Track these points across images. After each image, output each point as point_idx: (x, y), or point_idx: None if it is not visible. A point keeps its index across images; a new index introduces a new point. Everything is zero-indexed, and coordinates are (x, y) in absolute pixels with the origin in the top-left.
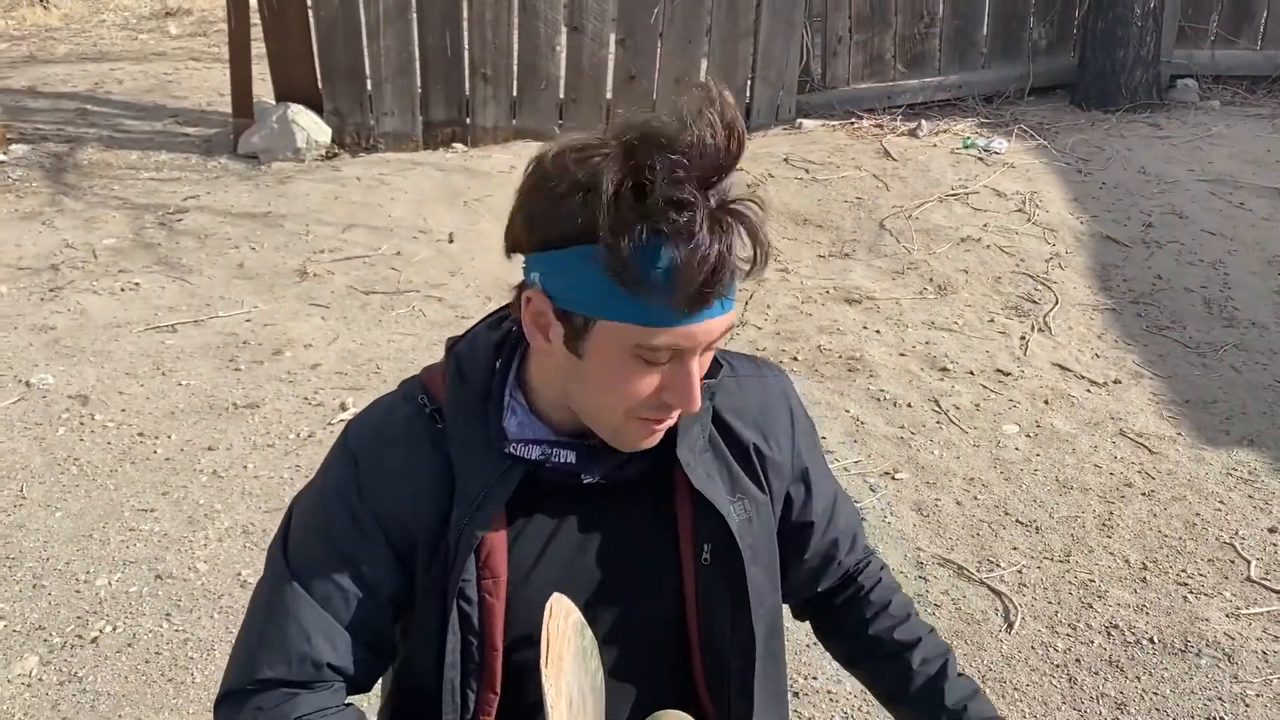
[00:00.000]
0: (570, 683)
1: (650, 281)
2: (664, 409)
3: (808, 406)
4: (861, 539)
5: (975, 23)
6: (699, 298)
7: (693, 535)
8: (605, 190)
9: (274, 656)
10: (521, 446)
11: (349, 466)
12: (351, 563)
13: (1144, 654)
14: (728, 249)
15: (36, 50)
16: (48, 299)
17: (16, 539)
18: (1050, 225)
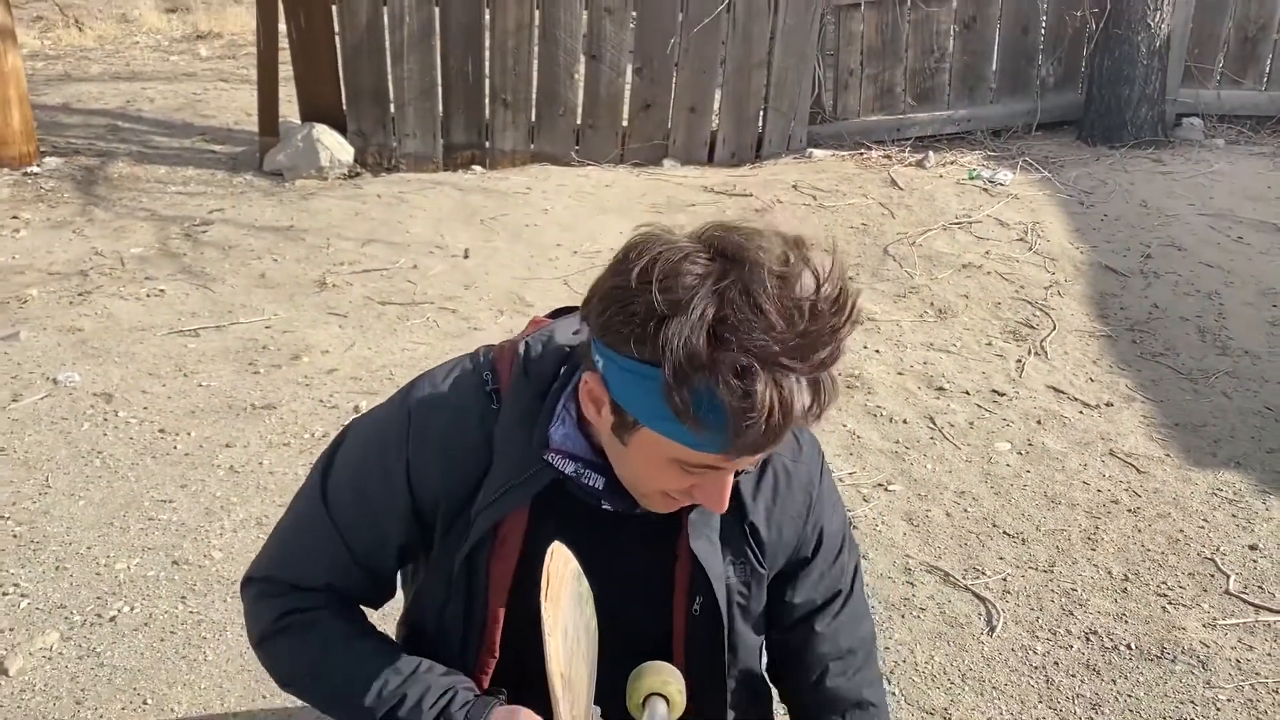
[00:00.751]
0: (566, 618)
1: (703, 420)
2: (689, 498)
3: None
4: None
5: (985, 59)
6: (752, 446)
7: (688, 585)
8: (680, 334)
9: (293, 563)
10: (559, 458)
11: (401, 421)
12: (371, 507)
13: (1121, 659)
14: (783, 415)
15: (71, 69)
16: (76, 302)
17: (41, 524)
18: (1051, 254)
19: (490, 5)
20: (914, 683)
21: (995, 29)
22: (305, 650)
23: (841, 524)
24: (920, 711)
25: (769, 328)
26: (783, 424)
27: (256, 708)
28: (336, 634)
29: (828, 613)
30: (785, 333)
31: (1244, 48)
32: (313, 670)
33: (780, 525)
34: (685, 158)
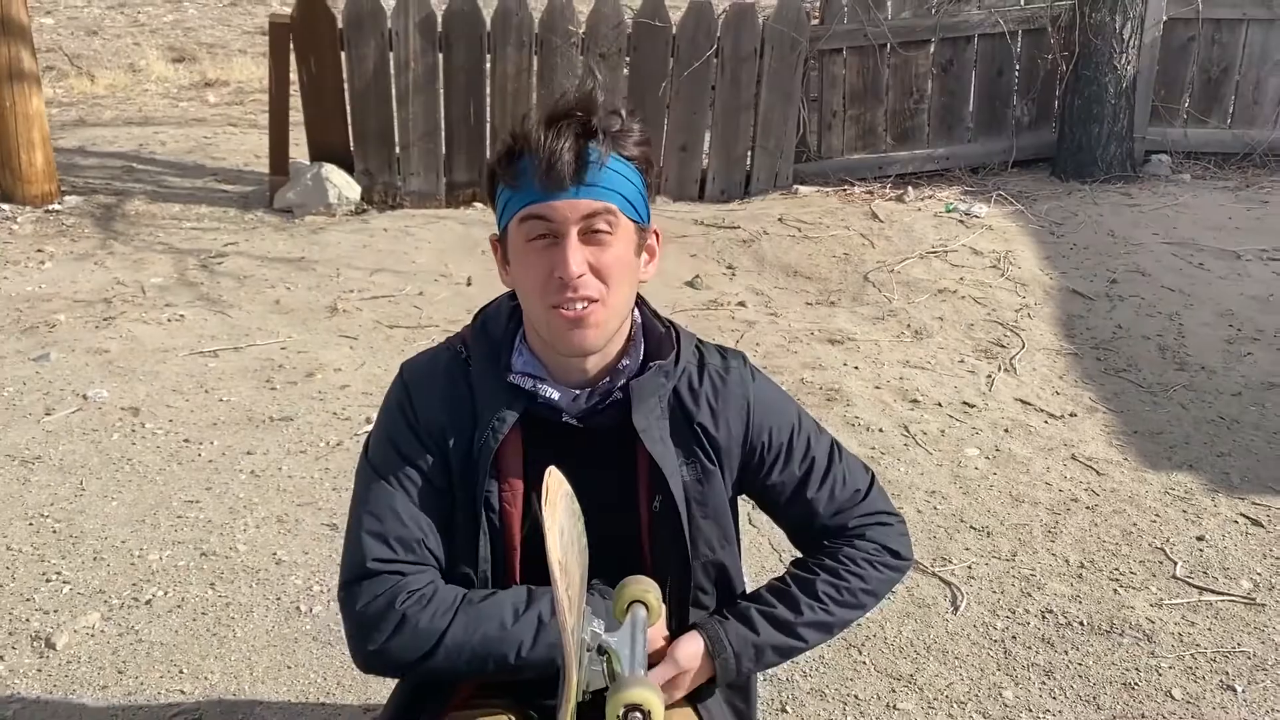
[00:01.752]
0: (562, 521)
1: (517, 175)
2: (563, 288)
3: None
4: (855, 512)
5: (962, 100)
6: (547, 171)
7: (648, 486)
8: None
9: (377, 544)
10: (520, 377)
11: (402, 391)
12: (413, 460)
13: (1074, 634)
14: (558, 136)
15: (85, 114)
16: (101, 327)
17: (78, 522)
18: (1022, 280)
19: (491, 52)
20: (883, 653)
21: (971, 71)
22: (433, 623)
23: (790, 410)
24: (888, 678)
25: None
26: (562, 153)
27: (281, 680)
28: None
29: (813, 482)
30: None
31: (1208, 88)
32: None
33: (727, 419)
34: (677, 194)
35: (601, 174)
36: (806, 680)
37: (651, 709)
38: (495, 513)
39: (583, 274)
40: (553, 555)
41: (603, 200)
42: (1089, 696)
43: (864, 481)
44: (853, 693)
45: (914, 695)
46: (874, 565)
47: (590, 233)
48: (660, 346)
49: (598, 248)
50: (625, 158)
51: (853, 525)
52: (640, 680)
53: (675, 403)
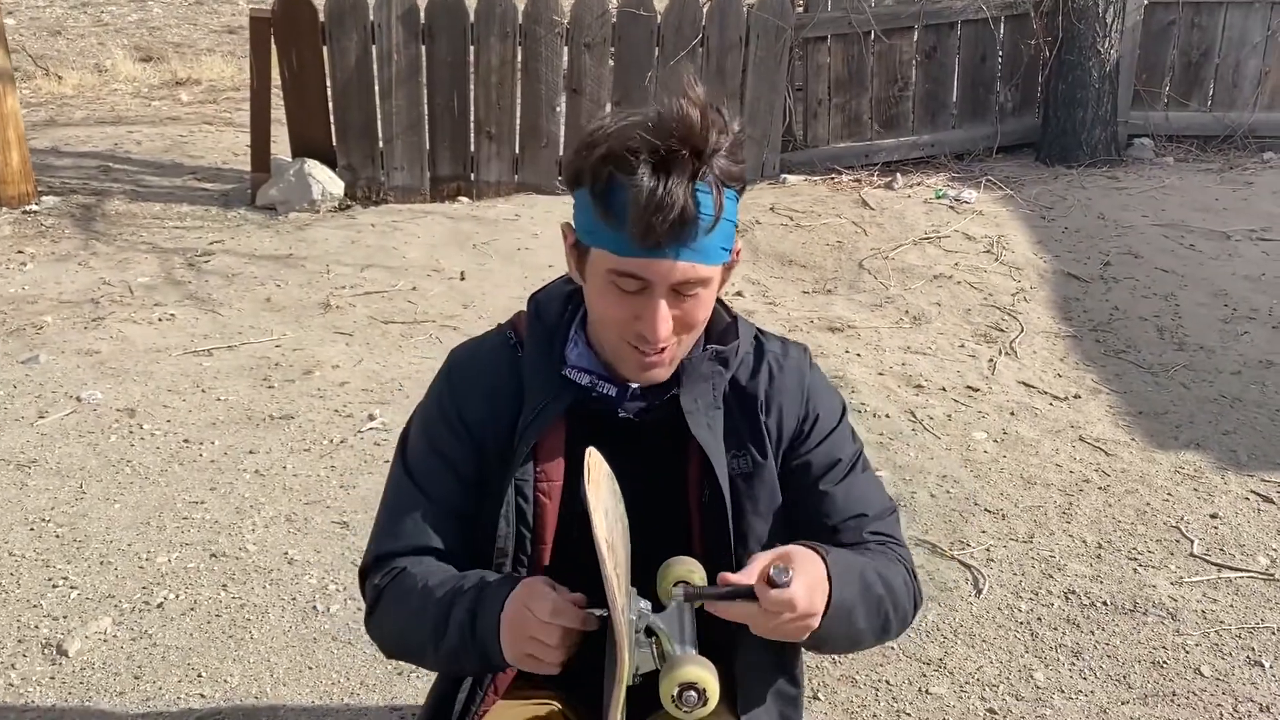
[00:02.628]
0: (605, 501)
1: (613, 212)
2: (643, 340)
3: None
4: (869, 530)
5: (946, 87)
6: (647, 231)
7: (698, 478)
8: (599, 146)
9: (391, 540)
10: (575, 372)
11: (444, 380)
12: (443, 454)
13: (1098, 614)
14: (666, 191)
15: (55, 115)
16: (90, 327)
17: (81, 525)
18: (1016, 264)
19: (475, 43)
20: (910, 638)
21: (955, 58)
22: (395, 604)
23: (837, 406)
24: (918, 663)
25: (655, 131)
26: (665, 196)
27: (303, 681)
28: (415, 579)
29: (831, 477)
30: (668, 130)
31: (1188, 72)
32: (400, 622)
33: (781, 405)
34: None
35: (702, 230)
36: (837, 668)
37: (707, 687)
38: (529, 502)
39: (669, 334)
40: (600, 534)
41: (705, 264)
42: (1119, 676)
43: (887, 503)
44: (884, 678)
45: (945, 679)
46: (901, 577)
47: (682, 293)
48: (724, 337)
49: (688, 302)
50: (729, 185)
51: (869, 537)
52: (694, 658)
53: (731, 394)
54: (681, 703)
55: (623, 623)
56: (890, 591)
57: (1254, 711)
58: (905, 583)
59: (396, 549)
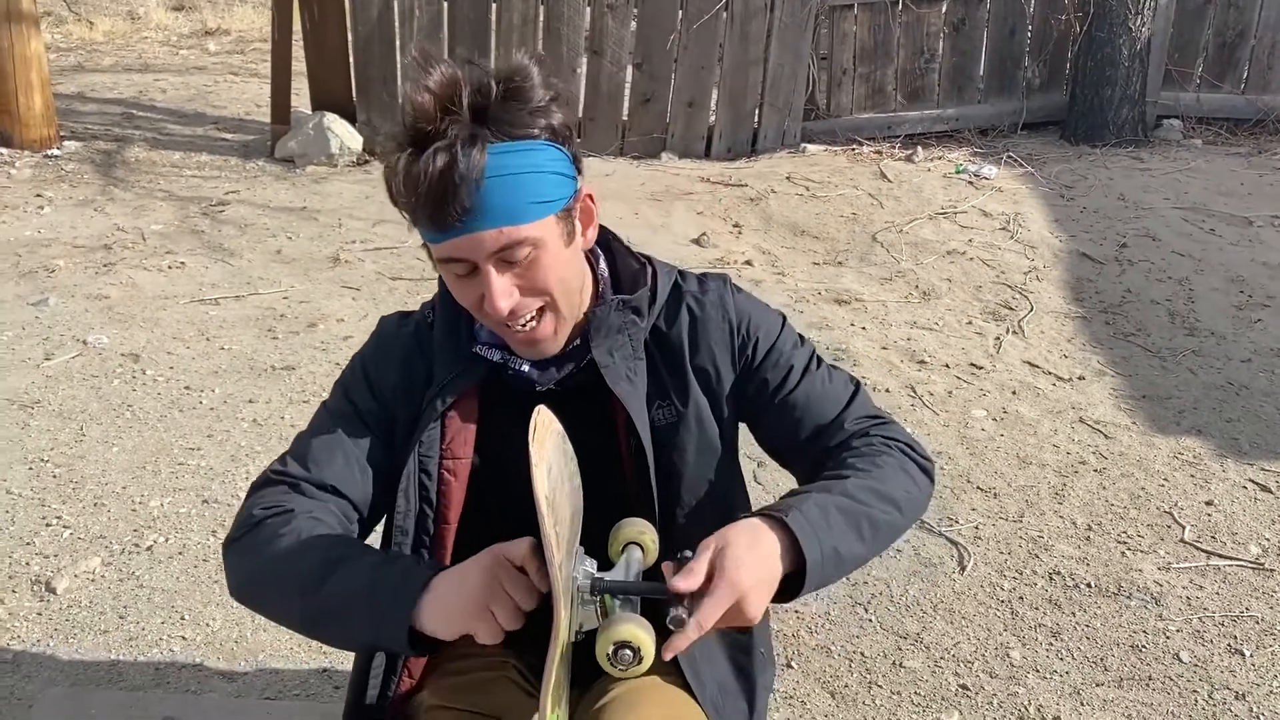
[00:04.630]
0: (550, 458)
1: (402, 206)
2: (510, 318)
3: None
4: (845, 424)
5: (973, 60)
6: (431, 217)
7: (626, 432)
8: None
9: (296, 460)
10: (486, 349)
11: (371, 345)
12: (356, 406)
13: (1081, 595)
14: (418, 168)
15: (84, 61)
16: (101, 273)
17: (79, 467)
18: (1031, 243)
19: (497, 1)
20: (889, 611)
21: (983, 31)
22: (272, 541)
23: (775, 319)
24: (894, 636)
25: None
26: (425, 189)
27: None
28: (304, 524)
29: (788, 384)
30: (411, 117)
31: (1222, 53)
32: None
33: (710, 345)
34: (683, 151)
35: (496, 189)
36: (813, 636)
37: (641, 646)
38: (432, 479)
39: (513, 304)
40: (540, 490)
41: (509, 225)
42: (1096, 658)
43: (850, 387)
44: (859, 650)
45: (921, 653)
46: (897, 462)
47: (509, 261)
48: (634, 284)
49: (523, 269)
50: (526, 139)
51: (850, 426)
52: (631, 617)
53: (654, 342)
54: (616, 660)
55: (559, 580)
56: (884, 498)
57: (1229, 699)
58: (900, 468)
59: (294, 473)
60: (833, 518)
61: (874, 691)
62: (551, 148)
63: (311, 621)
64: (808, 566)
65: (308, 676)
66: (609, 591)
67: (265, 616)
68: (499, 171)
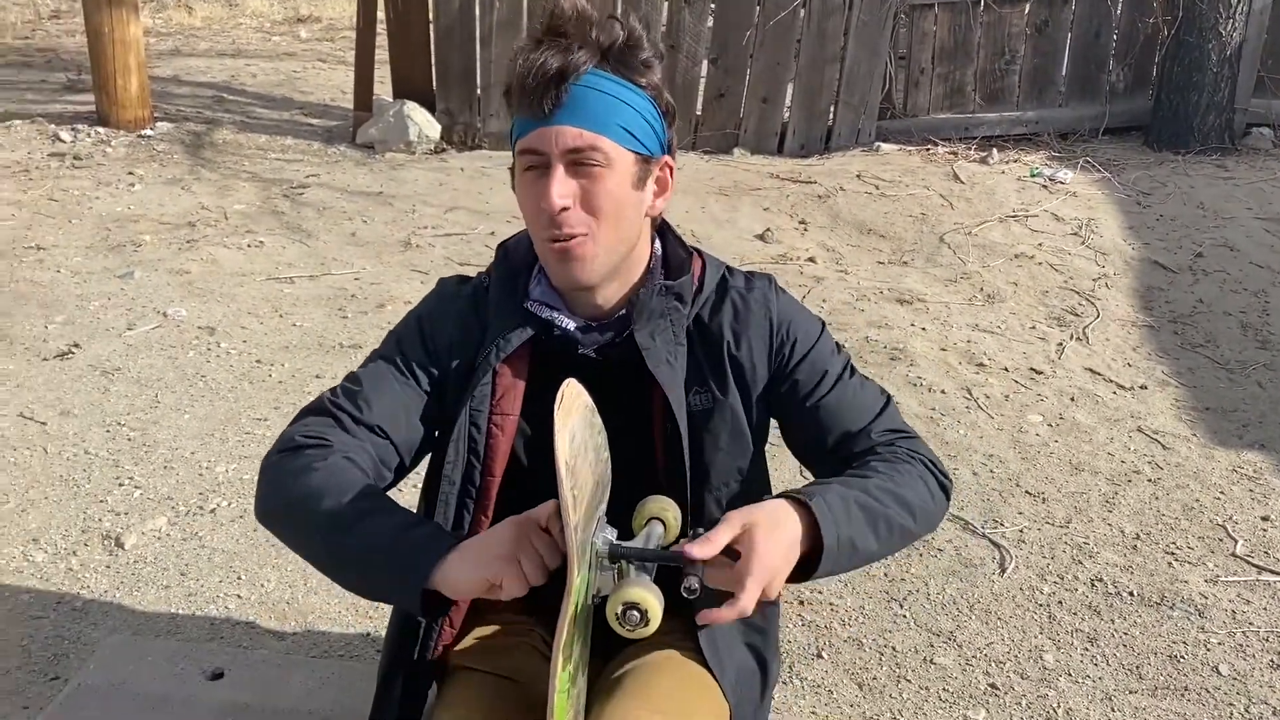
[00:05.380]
0: (575, 427)
1: (510, 99)
2: (549, 225)
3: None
4: (872, 434)
5: (1055, 62)
6: (526, 94)
7: (661, 414)
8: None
9: (347, 396)
10: (536, 306)
11: (430, 303)
12: (408, 357)
13: (1122, 603)
14: (540, 56)
15: (181, 45)
16: (184, 249)
17: (152, 432)
18: (1103, 249)
19: None
20: (924, 608)
21: (1067, 33)
22: (309, 473)
23: (815, 324)
24: (928, 632)
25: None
26: (541, 73)
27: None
28: (342, 468)
29: (820, 389)
30: (542, 22)
31: None
32: (308, 493)
33: (749, 339)
34: (755, 146)
35: (591, 99)
36: (845, 629)
37: (649, 609)
38: (481, 432)
39: (566, 207)
40: (561, 456)
41: (591, 130)
42: (1132, 666)
43: (881, 400)
44: (890, 644)
45: (952, 651)
46: (918, 472)
47: (578, 165)
48: (679, 272)
49: (588, 180)
50: (630, 81)
51: (876, 437)
52: (641, 581)
53: (695, 330)
54: (624, 621)
55: (574, 541)
56: (901, 502)
57: (1267, 714)
58: (920, 478)
59: (344, 406)
60: (852, 511)
61: (902, 685)
62: (649, 101)
63: (330, 562)
64: (824, 551)
65: (352, 639)
66: (626, 557)
67: (285, 544)
68: (599, 87)
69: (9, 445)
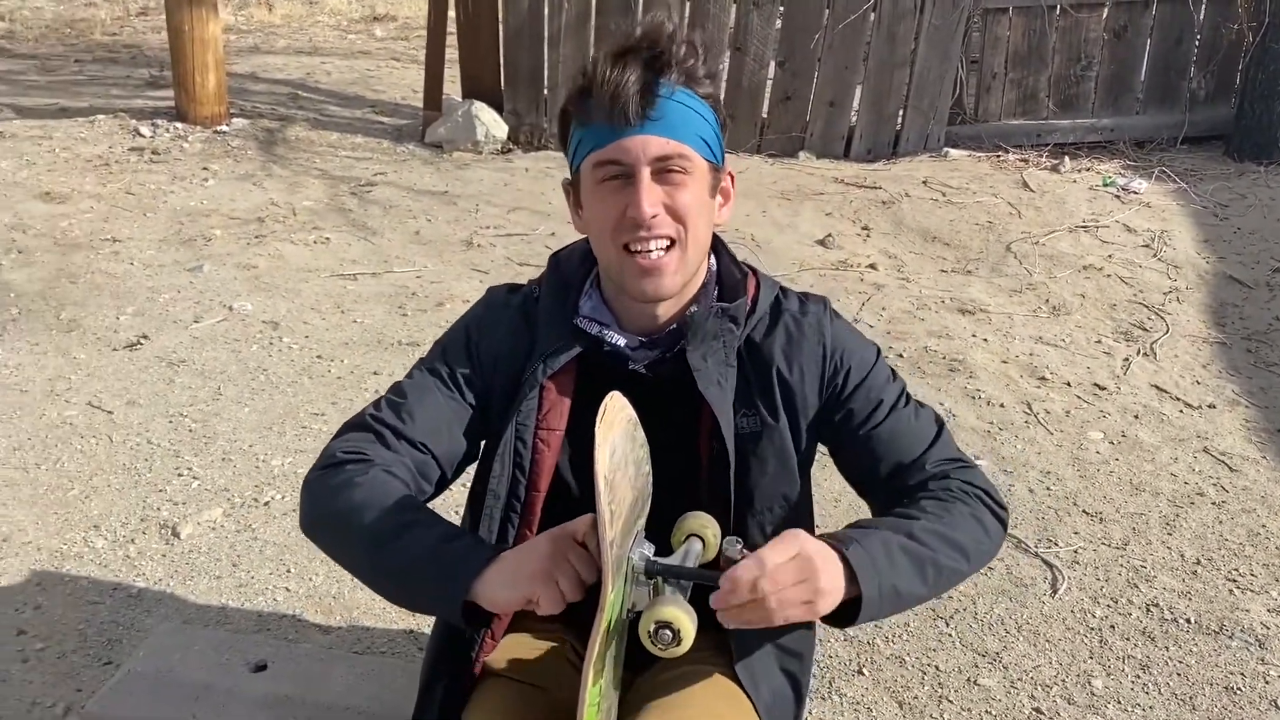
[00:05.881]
0: (616, 441)
1: (585, 110)
2: (636, 231)
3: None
4: (926, 465)
5: (1133, 68)
6: (610, 105)
7: (709, 434)
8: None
9: (390, 408)
10: (586, 322)
11: (478, 313)
12: (453, 369)
13: (1178, 630)
14: (620, 68)
15: (260, 43)
16: (253, 244)
17: (212, 424)
18: (1175, 262)
19: None
20: (971, 627)
21: (1146, 39)
22: (352, 487)
23: (870, 351)
24: (973, 653)
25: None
26: (623, 84)
27: None
28: (382, 481)
29: (874, 419)
30: (623, 41)
31: None
32: (350, 508)
33: (801, 364)
34: (821, 150)
35: (673, 110)
36: (888, 645)
37: (681, 628)
38: (527, 447)
39: (657, 214)
40: (600, 470)
41: (675, 139)
42: (1185, 696)
43: (934, 427)
44: (934, 663)
45: (997, 673)
46: (971, 510)
47: (664, 173)
48: (734, 292)
49: (672, 188)
50: (699, 94)
51: (931, 468)
52: (674, 600)
53: (746, 351)
54: (656, 639)
55: (609, 556)
56: (950, 544)
57: None
58: (973, 516)
59: (387, 420)
60: (896, 557)
61: (944, 706)
62: (713, 113)
63: (372, 575)
64: (863, 600)
65: (396, 635)
66: (662, 574)
67: (329, 557)
68: (677, 99)
69: (77, 433)
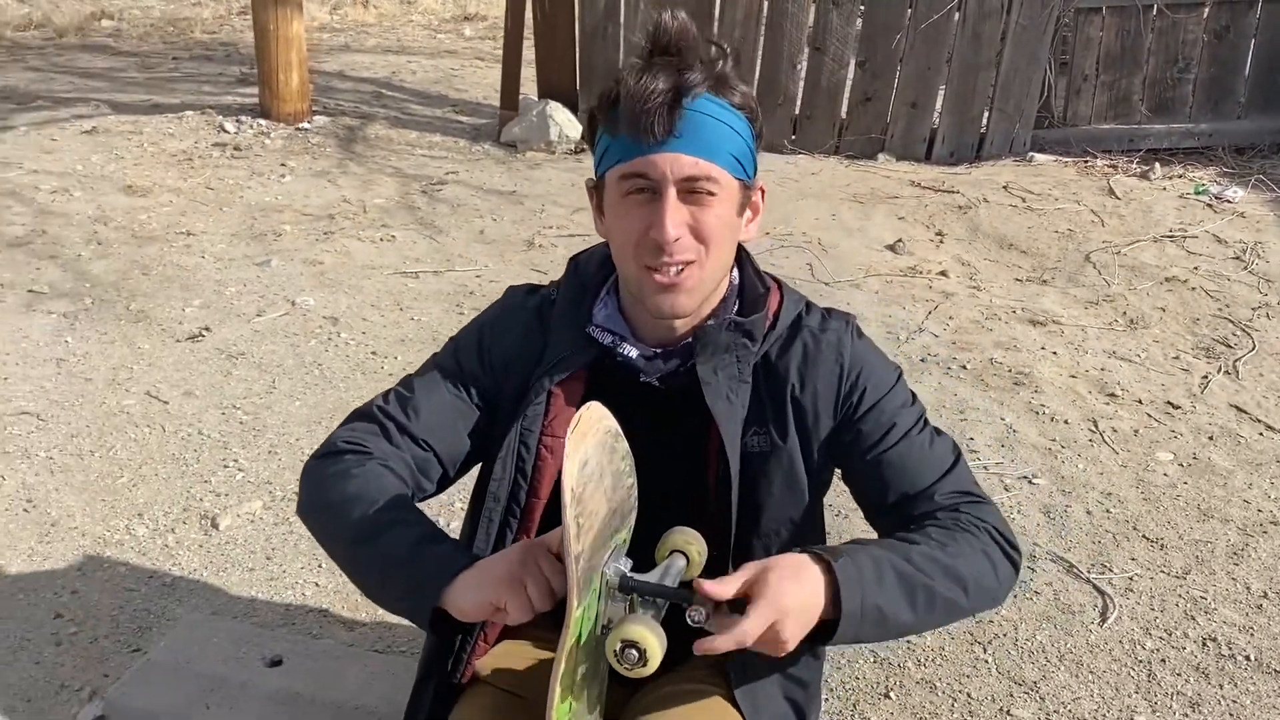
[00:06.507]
0: (590, 454)
1: (612, 120)
2: (658, 252)
3: (964, 411)
4: (936, 496)
5: (1235, 71)
6: (638, 120)
7: (716, 451)
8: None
9: (398, 401)
10: (599, 331)
11: (494, 313)
12: (463, 369)
13: (1235, 668)
14: (651, 79)
15: (350, 41)
16: (321, 240)
17: (263, 416)
18: (1267, 276)
19: None
20: (1009, 655)
21: (1250, 40)
22: (346, 478)
23: (889, 372)
24: (1009, 681)
25: (640, 52)
26: (654, 98)
27: None
28: (378, 475)
29: (885, 443)
30: (645, 48)
31: None
32: (341, 499)
33: (815, 383)
34: (902, 153)
35: (703, 125)
36: (919, 669)
37: (648, 648)
38: (530, 452)
39: (680, 237)
40: (567, 481)
41: (706, 158)
42: None
43: (950, 458)
44: (966, 690)
45: (1033, 704)
46: (980, 545)
47: (691, 193)
48: (754, 306)
49: (698, 209)
50: (732, 104)
51: (940, 499)
52: (643, 619)
53: (763, 369)
54: (622, 659)
55: (574, 570)
56: (949, 574)
57: None
58: (981, 550)
59: (392, 413)
60: (886, 577)
61: None
62: (747, 123)
63: (351, 569)
64: (843, 616)
65: (418, 635)
66: (637, 590)
67: (319, 544)
68: (709, 112)
69: (132, 422)
